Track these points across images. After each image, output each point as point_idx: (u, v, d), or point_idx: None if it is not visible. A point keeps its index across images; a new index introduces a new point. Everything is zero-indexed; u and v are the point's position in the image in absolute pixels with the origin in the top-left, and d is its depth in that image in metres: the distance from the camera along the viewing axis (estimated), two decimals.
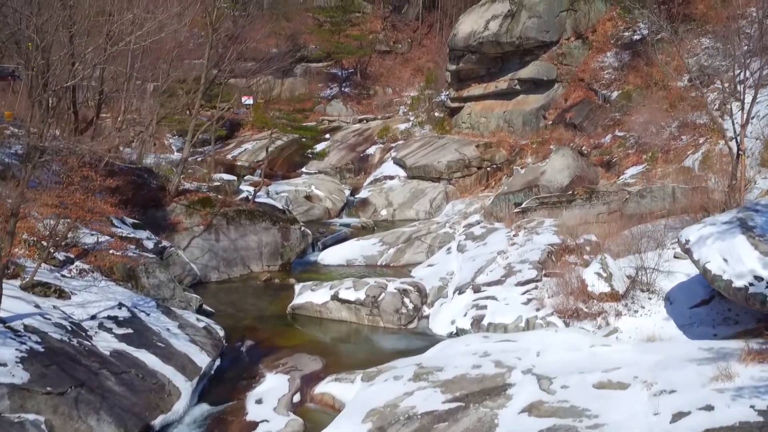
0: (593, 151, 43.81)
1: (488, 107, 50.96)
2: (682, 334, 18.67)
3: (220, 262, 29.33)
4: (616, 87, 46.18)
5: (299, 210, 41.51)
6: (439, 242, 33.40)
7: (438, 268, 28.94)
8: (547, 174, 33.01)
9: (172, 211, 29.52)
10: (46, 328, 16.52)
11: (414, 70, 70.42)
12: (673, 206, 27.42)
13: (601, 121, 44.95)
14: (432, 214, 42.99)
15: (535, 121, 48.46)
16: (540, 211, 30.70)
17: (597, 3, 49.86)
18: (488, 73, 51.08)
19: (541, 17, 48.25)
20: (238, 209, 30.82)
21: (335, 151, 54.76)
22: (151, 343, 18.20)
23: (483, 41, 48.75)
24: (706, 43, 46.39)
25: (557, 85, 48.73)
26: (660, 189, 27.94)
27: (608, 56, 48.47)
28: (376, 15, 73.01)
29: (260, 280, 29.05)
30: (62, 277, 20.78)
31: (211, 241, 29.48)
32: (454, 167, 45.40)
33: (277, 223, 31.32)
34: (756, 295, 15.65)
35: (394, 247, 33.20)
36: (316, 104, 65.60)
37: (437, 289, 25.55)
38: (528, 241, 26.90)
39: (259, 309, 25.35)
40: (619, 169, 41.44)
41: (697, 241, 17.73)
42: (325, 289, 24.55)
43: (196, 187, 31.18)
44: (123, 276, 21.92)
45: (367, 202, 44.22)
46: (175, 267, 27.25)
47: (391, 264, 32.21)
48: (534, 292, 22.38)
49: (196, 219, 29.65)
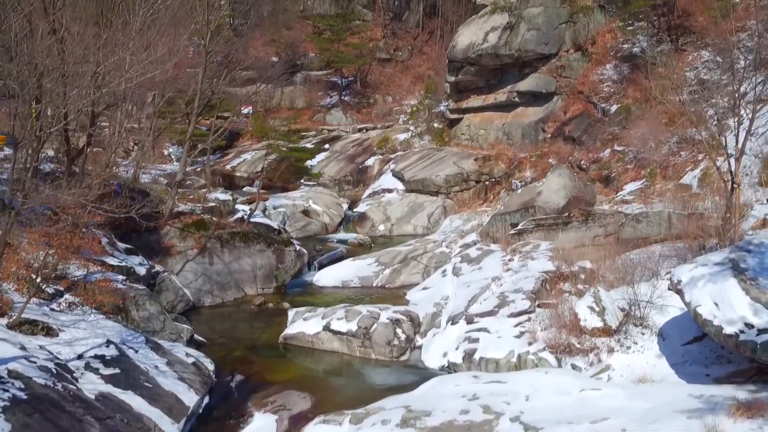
0: (592, 165, 43.66)
1: (487, 119, 50.79)
2: (674, 373, 18.48)
3: (213, 286, 29.19)
4: (615, 100, 45.98)
5: (296, 226, 41.43)
6: (435, 262, 33.25)
7: (433, 292, 28.79)
8: (543, 195, 32.79)
9: (165, 234, 29.39)
10: (30, 373, 16.36)
11: (414, 78, 70.25)
12: (669, 232, 27.15)
13: (600, 135, 44.78)
14: (430, 229, 42.88)
15: (534, 134, 48.28)
16: (536, 233, 30.48)
17: (596, 15, 49.66)
18: (487, 85, 50.91)
19: (540, 29, 48.06)
20: (232, 231, 30.67)
21: (334, 162, 54.61)
22: (138, 383, 18.04)
23: (482, 53, 48.59)
24: (706, 56, 46.19)
25: (556, 97, 48.56)
26: (656, 214, 27.69)
27: (607, 68, 48.27)
28: (377, 22, 72.83)
29: (254, 304, 28.91)
30: (51, 311, 20.64)
31: (204, 264, 29.34)
32: (453, 181, 45.24)
33: (271, 245, 31.16)
34: (747, 343, 15.47)
35: (390, 267, 33.04)
36: (316, 113, 65.54)
37: (431, 317, 25.37)
38: (523, 267, 26.70)
39: (252, 338, 25.19)
40: (618, 185, 41.26)
41: (688, 282, 17.55)
42: (317, 319, 24.40)
43: (190, 209, 31.01)
44: (112, 309, 21.77)
45: (365, 216, 44.06)
46: (167, 293, 27.16)
47: (387, 285, 32.07)
48: (527, 324, 22.20)
49: (190, 242, 29.51)
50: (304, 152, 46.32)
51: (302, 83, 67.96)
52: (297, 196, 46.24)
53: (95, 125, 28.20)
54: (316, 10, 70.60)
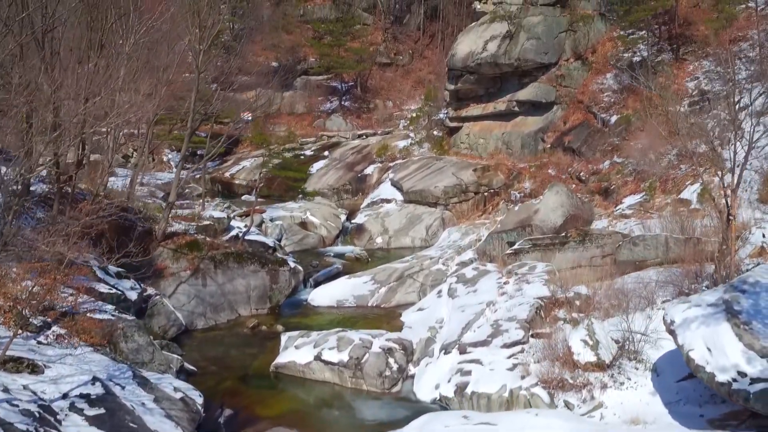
0: (591, 177, 43.31)
1: (487, 128, 50.44)
2: (668, 413, 18.22)
3: (206, 308, 28.95)
4: (615, 111, 45.61)
5: (294, 239, 41.18)
6: (432, 280, 33.02)
7: (428, 314, 28.56)
8: (540, 213, 32.50)
9: (158, 255, 29.14)
10: (12, 418, 16.12)
11: (415, 83, 69.87)
12: (666, 256, 26.85)
13: (600, 146, 44.43)
14: (428, 242, 42.61)
15: (534, 144, 47.94)
16: (533, 253, 30.17)
17: (597, 23, 49.26)
18: (487, 93, 50.54)
19: (539, 39, 47.68)
20: (226, 252, 30.41)
21: (333, 171, 54.29)
22: (123, 423, 17.80)
23: (481, 62, 48.22)
24: (707, 66, 45.79)
25: (556, 107, 48.20)
26: (653, 238, 27.38)
27: (608, 78, 47.90)
28: (377, 26, 72.42)
29: (247, 326, 28.67)
30: (38, 344, 20.43)
31: (198, 286, 29.11)
32: (451, 192, 44.92)
33: (265, 265, 30.91)
34: (739, 392, 15.20)
35: (386, 285, 32.79)
36: (316, 118, 65.22)
37: (424, 344, 25.13)
38: (518, 292, 26.44)
39: (243, 365, 24.96)
40: (617, 198, 40.91)
41: (681, 323, 17.27)
42: (309, 347, 24.13)
43: (183, 229, 30.74)
44: (101, 340, 21.53)
45: (362, 228, 43.78)
46: (159, 317, 26.95)
47: (382, 305, 31.83)
48: (520, 356, 21.93)
49: (183, 263, 29.28)
50: (300, 171, 45.69)
51: (302, 88, 67.64)
52: (295, 207, 45.99)
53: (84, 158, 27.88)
54: (316, 15, 70.19)
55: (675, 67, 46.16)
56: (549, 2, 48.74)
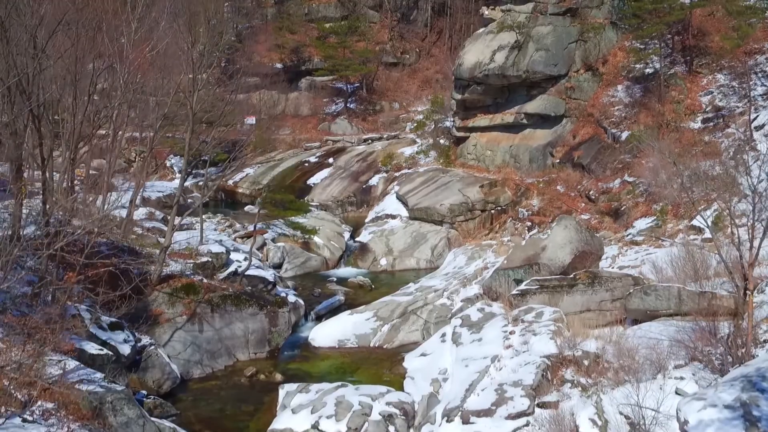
0: (601, 196, 42.26)
1: (494, 140, 49.33)
2: None
3: (203, 355, 28.12)
4: (626, 126, 44.42)
5: (296, 263, 40.34)
6: (436, 317, 32.20)
7: (431, 361, 27.74)
8: (548, 250, 31.40)
9: (153, 300, 28.29)
10: None
11: (422, 82, 68.72)
12: (679, 308, 25.83)
13: (611, 163, 43.32)
14: (433, 263, 41.82)
15: (542, 159, 46.86)
16: (540, 295, 29.17)
17: (608, 32, 47.96)
18: (494, 104, 49.44)
19: (549, 50, 46.45)
20: (223, 294, 29.51)
21: (338, 181, 53.37)
22: None
23: (489, 73, 47.09)
24: (722, 80, 44.47)
25: (565, 120, 47.08)
26: (665, 289, 26.30)
27: (619, 90, 46.69)
28: (383, 24, 71.02)
29: (245, 375, 27.79)
30: (23, 423, 19.61)
31: (194, 332, 28.26)
32: (457, 210, 43.95)
33: (264, 307, 30.02)
34: None
35: (388, 323, 31.94)
36: (321, 121, 64.14)
37: (426, 404, 24.23)
38: (524, 346, 25.48)
39: (239, 427, 24.17)
40: (628, 220, 39.85)
41: (696, 425, 16.32)
42: (307, 411, 23.22)
43: (180, 270, 29.83)
44: (89, 413, 20.71)
45: (366, 248, 42.83)
46: (154, 370, 26.13)
47: (385, 345, 31.02)
48: (525, 429, 21.03)
49: (179, 308, 28.43)
50: (300, 211, 44.57)
51: (307, 89, 66.53)
52: (298, 222, 44.99)
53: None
54: (321, 13, 68.80)
55: (688, 81, 44.89)
56: (559, 12, 47.42)
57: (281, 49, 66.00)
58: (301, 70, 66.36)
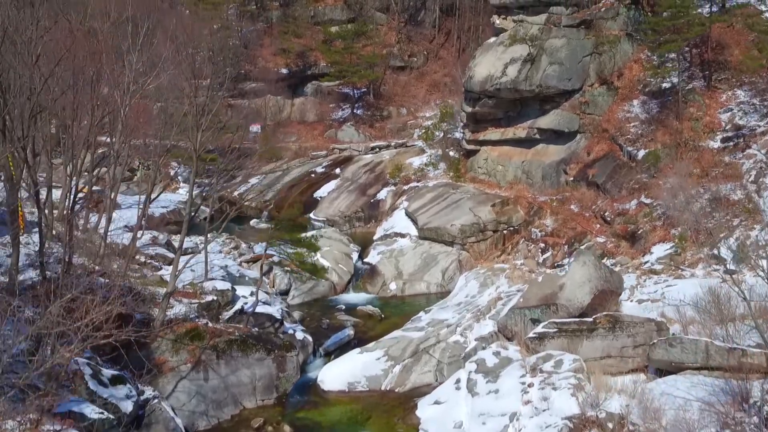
0: (617, 218, 41.01)
1: (506, 154, 48.06)
2: None
3: (209, 405, 27.09)
4: (642, 144, 43.03)
5: (303, 288, 39.38)
6: (449, 357, 31.22)
7: (445, 411, 26.87)
8: (566, 289, 30.23)
9: (156, 348, 27.23)
10: None
11: (430, 86, 67.36)
12: (706, 362, 24.71)
13: (626, 183, 41.97)
14: (444, 287, 40.75)
15: (555, 176, 45.59)
16: (558, 339, 28.04)
17: (623, 44, 46.45)
18: (506, 117, 48.16)
19: (562, 64, 45.10)
20: (229, 339, 28.40)
21: (345, 194, 52.24)
22: None
23: (500, 87, 45.81)
24: (741, 96, 43.08)
25: (579, 136, 45.75)
26: (692, 342, 25.17)
27: (635, 105, 45.26)
28: (390, 26, 69.54)
29: (252, 427, 26.76)
30: None
31: (199, 381, 27.22)
32: (468, 231, 42.76)
33: (272, 351, 28.90)
34: None
35: (400, 363, 30.87)
36: (327, 128, 62.89)
37: None
38: (544, 402, 24.48)
39: None
40: (645, 245, 38.58)
41: None
42: None
43: (184, 314, 28.72)
44: None
45: (375, 271, 41.68)
46: (157, 426, 25.14)
47: (396, 389, 30.02)
48: None
49: (184, 355, 27.38)
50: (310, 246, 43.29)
51: (313, 94, 65.23)
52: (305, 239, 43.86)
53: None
54: (328, 16, 67.32)
55: (707, 96, 43.45)
56: (573, 23, 45.95)
57: (287, 54, 64.62)
58: (307, 75, 65.02)
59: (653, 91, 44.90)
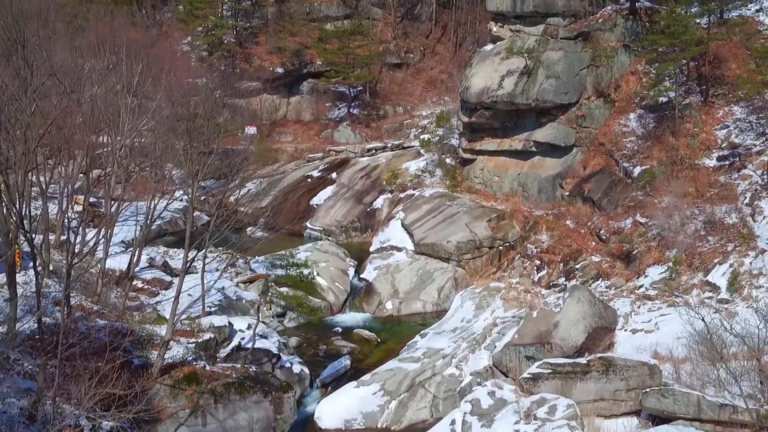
0: (612, 236, 41.15)
1: (502, 165, 48.13)
2: None
3: None
4: (638, 160, 43.02)
5: (299, 311, 39.50)
6: (444, 391, 31.54)
7: None
8: (561, 328, 30.51)
9: (155, 394, 27.45)
10: None
11: (426, 83, 67.32)
12: (698, 415, 25.03)
13: (622, 200, 42.08)
14: (440, 305, 41.03)
15: (551, 190, 45.65)
16: (552, 381, 28.30)
17: (620, 56, 46.24)
18: (503, 128, 48.16)
19: (559, 77, 44.97)
20: (226, 382, 28.62)
21: (341, 202, 52.35)
22: None
23: (497, 99, 45.74)
24: (738, 113, 43.01)
25: (576, 149, 45.74)
26: (684, 395, 25.43)
27: (631, 119, 45.18)
28: (387, 21, 69.10)
29: None
30: None
31: (197, 427, 27.47)
32: (464, 248, 42.95)
33: (269, 393, 29.11)
34: None
35: (396, 398, 31.17)
36: (324, 128, 62.79)
37: None
38: None
39: None
40: (640, 267, 38.76)
41: None
42: None
43: (181, 357, 28.92)
44: None
45: (372, 290, 41.91)
46: None
47: (393, 427, 30.39)
48: None
49: (182, 401, 27.61)
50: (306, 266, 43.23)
51: (309, 93, 65.02)
52: (301, 259, 43.80)
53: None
54: (323, 12, 66.90)
55: (703, 112, 43.37)
56: (570, 36, 45.75)
57: (282, 52, 64.28)
58: (302, 73, 64.73)
59: (650, 104, 44.76)
